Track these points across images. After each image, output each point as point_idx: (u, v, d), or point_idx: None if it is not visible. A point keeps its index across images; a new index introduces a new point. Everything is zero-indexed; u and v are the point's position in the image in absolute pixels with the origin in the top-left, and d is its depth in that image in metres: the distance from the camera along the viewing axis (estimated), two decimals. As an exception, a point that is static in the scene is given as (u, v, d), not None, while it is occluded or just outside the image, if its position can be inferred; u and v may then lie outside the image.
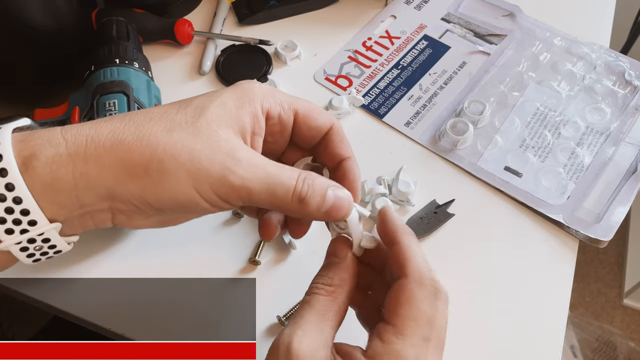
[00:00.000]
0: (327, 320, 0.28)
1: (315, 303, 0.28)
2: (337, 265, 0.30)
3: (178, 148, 0.27)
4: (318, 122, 0.33)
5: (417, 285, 0.27)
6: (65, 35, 0.49)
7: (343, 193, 0.30)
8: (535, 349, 0.41)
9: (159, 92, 0.50)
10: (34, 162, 0.26)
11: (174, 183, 0.27)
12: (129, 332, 0.41)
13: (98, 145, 0.27)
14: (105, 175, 0.26)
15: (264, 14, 0.60)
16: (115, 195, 0.27)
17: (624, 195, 0.46)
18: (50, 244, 0.28)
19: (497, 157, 0.50)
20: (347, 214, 0.30)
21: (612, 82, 0.54)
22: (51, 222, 0.27)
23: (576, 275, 0.45)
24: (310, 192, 0.29)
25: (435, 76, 0.56)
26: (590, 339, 1.22)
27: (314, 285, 0.30)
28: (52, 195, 0.26)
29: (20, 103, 0.51)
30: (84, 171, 0.26)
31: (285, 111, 0.31)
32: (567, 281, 0.44)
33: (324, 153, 0.34)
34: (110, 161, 0.26)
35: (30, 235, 0.27)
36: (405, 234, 0.30)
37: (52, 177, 0.26)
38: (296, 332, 0.26)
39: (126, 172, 0.26)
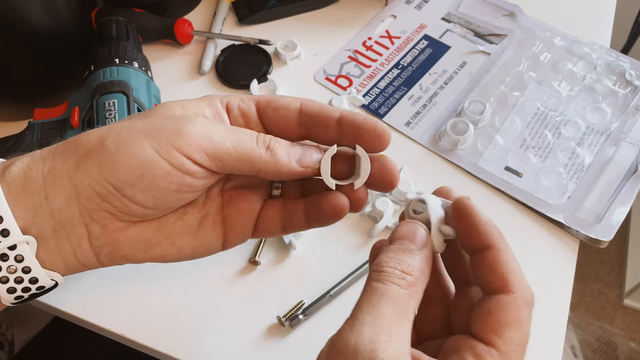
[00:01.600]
0: (407, 320, 0.23)
1: (396, 297, 0.23)
2: (417, 254, 0.25)
3: (133, 122, 0.27)
4: (282, 101, 0.30)
5: (524, 305, 0.24)
6: (64, 35, 0.49)
7: (308, 144, 0.29)
8: (536, 349, 0.41)
9: (159, 92, 0.50)
10: (11, 168, 0.26)
11: (131, 146, 0.25)
12: (129, 332, 0.41)
13: (65, 144, 0.27)
14: (66, 165, 0.26)
15: (264, 13, 0.60)
16: (78, 185, 0.25)
17: (624, 195, 0.46)
18: (24, 264, 0.26)
19: (498, 157, 0.49)
20: (316, 161, 0.28)
21: (613, 82, 0.54)
22: (24, 233, 0.25)
23: (577, 275, 0.45)
24: (274, 142, 0.28)
25: (436, 76, 0.56)
26: (590, 339, 1.22)
27: (388, 270, 0.24)
28: (24, 199, 0.25)
29: (20, 103, 0.51)
30: (51, 166, 0.26)
31: (245, 102, 0.30)
32: (568, 281, 0.44)
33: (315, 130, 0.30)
34: (71, 150, 0.26)
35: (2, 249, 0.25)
36: (501, 238, 0.25)
37: (24, 178, 0.26)
38: (380, 336, 0.21)
39: (84, 153, 0.26)
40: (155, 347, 0.40)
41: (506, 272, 0.24)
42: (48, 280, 0.27)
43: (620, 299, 1.30)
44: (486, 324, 0.24)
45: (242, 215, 0.31)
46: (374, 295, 0.23)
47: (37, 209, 0.26)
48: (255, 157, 0.27)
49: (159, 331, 0.41)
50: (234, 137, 0.27)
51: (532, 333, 0.41)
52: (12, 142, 0.44)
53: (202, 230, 0.30)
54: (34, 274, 0.26)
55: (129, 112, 0.45)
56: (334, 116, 0.29)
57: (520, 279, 0.25)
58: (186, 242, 0.30)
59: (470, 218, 0.26)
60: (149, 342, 0.41)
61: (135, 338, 0.41)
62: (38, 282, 0.27)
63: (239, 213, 0.31)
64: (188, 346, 0.41)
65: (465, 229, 0.26)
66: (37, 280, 0.26)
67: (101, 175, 0.25)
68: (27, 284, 0.26)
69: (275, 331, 0.41)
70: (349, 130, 0.29)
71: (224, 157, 0.26)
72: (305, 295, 0.42)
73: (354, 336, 0.22)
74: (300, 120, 0.30)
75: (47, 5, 0.46)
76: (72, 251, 0.27)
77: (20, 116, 0.51)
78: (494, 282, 0.24)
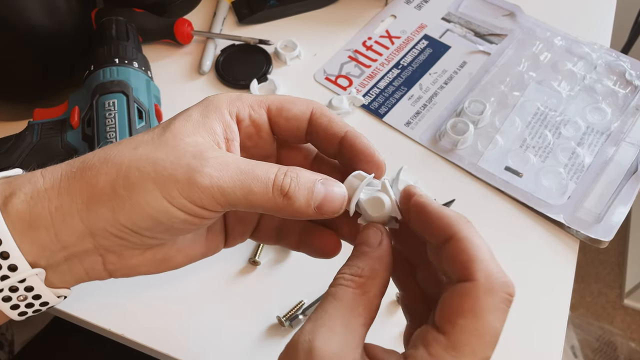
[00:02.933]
0: (357, 316, 0.24)
1: (342, 296, 0.24)
2: (368, 255, 0.26)
3: (142, 160, 0.25)
4: (294, 111, 0.29)
5: (485, 291, 0.22)
6: (64, 35, 0.49)
7: (334, 186, 0.27)
8: (536, 349, 0.41)
9: (159, 91, 0.50)
10: (13, 200, 0.25)
11: (143, 196, 0.25)
12: (129, 332, 0.41)
13: (70, 176, 0.26)
14: (76, 204, 0.25)
15: (263, 13, 0.60)
16: (92, 227, 0.25)
17: (624, 196, 0.46)
18: (34, 293, 0.26)
19: (498, 157, 0.49)
20: (341, 208, 0.27)
21: (613, 82, 0.54)
22: (33, 266, 0.25)
23: (577, 275, 0.45)
24: (294, 185, 0.25)
25: (436, 76, 0.56)
26: (590, 340, 1.22)
27: (339, 276, 0.25)
28: (32, 234, 0.25)
29: (20, 103, 0.51)
30: (58, 204, 0.25)
31: (256, 110, 0.29)
32: (568, 281, 0.44)
33: (320, 142, 0.30)
34: (79, 189, 0.25)
35: (11, 283, 0.25)
36: (464, 226, 0.25)
37: (30, 213, 0.25)
38: (320, 329, 0.23)
39: (95, 196, 0.25)
40: (155, 347, 0.40)
41: (468, 261, 0.23)
42: (57, 300, 0.28)
43: (620, 299, 1.30)
44: (442, 312, 0.23)
45: (240, 224, 0.32)
46: (325, 298, 0.25)
47: (47, 245, 0.25)
48: (269, 205, 0.26)
49: (159, 331, 0.41)
50: (246, 188, 0.25)
51: (532, 333, 0.42)
52: (12, 142, 0.44)
53: (210, 237, 0.31)
54: (45, 299, 0.27)
55: (129, 112, 0.45)
56: (339, 134, 0.29)
57: (487, 267, 0.23)
58: (197, 250, 0.30)
59: (424, 215, 0.26)
60: (149, 342, 0.41)
61: (135, 338, 0.41)
62: (48, 304, 0.27)
63: (238, 221, 0.32)
64: (188, 346, 0.41)
65: (422, 227, 0.26)
66: (48, 303, 0.27)
67: (116, 221, 0.25)
68: (38, 307, 0.27)
69: (275, 331, 0.41)
70: (347, 152, 0.29)
71: (236, 205, 0.26)
72: (305, 295, 0.42)
73: (299, 331, 0.23)
74: (308, 129, 0.30)
75: (47, 5, 0.46)
76: (84, 272, 0.27)
77: (20, 116, 0.51)
78: (457, 272, 0.24)
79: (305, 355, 0.22)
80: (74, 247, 0.26)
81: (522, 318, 0.42)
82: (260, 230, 0.33)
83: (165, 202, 0.25)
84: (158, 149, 0.26)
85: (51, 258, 0.26)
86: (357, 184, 0.27)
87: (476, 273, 0.23)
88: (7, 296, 0.25)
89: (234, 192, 0.25)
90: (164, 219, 0.25)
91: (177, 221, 0.25)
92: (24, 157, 0.43)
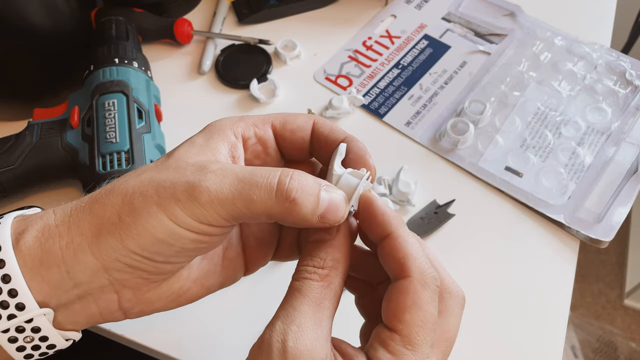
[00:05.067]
0: (324, 309, 0.25)
1: (307, 291, 0.25)
2: (329, 244, 0.26)
3: (145, 185, 0.25)
4: (297, 122, 0.29)
5: (422, 286, 0.24)
6: (64, 35, 0.49)
7: (337, 194, 0.26)
8: (536, 349, 0.41)
9: (158, 91, 0.50)
10: (25, 236, 0.25)
11: (148, 220, 0.24)
12: (129, 333, 0.41)
13: (79, 211, 0.25)
14: (86, 238, 0.24)
15: (263, 13, 0.60)
16: (104, 259, 0.24)
17: (624, 196, 0.46)
18: (41, 334, 0.25)
19: (498, 157, 0.49)
20: (342, 218, 0.26)
21: (613, 82, 0.54)
22: (42, 306, 0.24)
23: (577, 275, 0.45)
24: (300, 190, 0.24)
25: (436, 76, 0.56)
26: (591, 340, 1.22)
27: (302, 268, 0.26)
28: (42, 272, 0.24)
29: (20, 103, 0.51)
30: (69, 240, 0.24)
31: (260, 127, 0.29)
32: (568, 281, 0.44)
33: (321, 151, 0.30)
34: (88, 222, 0.25)
35: (18, 322, 0.24)
36: (400, 226, 0.26)
37: (41, 250, 0.24)
38: (290, 328, 0.24)
39: (103, 227, 0.24)
40: (155, 347, 0.40)
41: (403, 258, 0.25)
42: (66, 343, 0.27)
43: (620, 299, 1.30)
44: (388, 311, 0.25)
45: (259, 248, 0.31)
46: (290, 292, 0.25)
47: (58, 283, 0.25)
48: (273, 212, 0.25)
49: (159, 331, 0.41)
50: (246, 198, 0.24)
51: (533, 333, 0.42)
52: (12, 142, 0.44)
53: (226, 264, 0.30)
54: (52, 341, 0.26)
55: (129, 112, 0.45)
56: (338, 140, 0.29)
57: (420, 263, 0.25)
58: (213, 280, 0.30)
59: (370, 208, 0.27)
60: (149, 342, 0.41)
61: (135, 338, 0.41)
62: (55, 347, 0.26)
63: (257, 245, 0.31)
64: (188, 347, 0.40)
65: (365, 220, 0.27)
66: (55, 346, 0.26)
67: (126, 249, 0.24)
68: (44, 349, 0.26)
69: (275, 331, 0.41)
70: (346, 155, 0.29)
71: (240, 217, 0.25)
72: (305, 296, 0.42)
73: (269, 330, 0.24)
74: (312, 139, 0.30)
75: (47, 5, 0.46)
76: (98, 312, 0.26)
77: (20, 116, 0.51)
78: (394, 269, 0.25)
79: (279, 355, 0.23)
80: (88, 285, 0.25)
81: (522, 318, 0.42)
82: (281, 249, 0.32)
83: (170, 223, 0.24)
84: (160, 172, 0.26)
85: (62, 297, 0.25)
86: (354, 181, 0.27)
87: (410, 269, 0.25)
88: (14, 337, 0.25)
89: (235, 204, 0.24)
90: (172, 240, 0.24)
91: (185, 241, 0.25)
92: (23, 157, 0.43)
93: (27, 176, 0.44)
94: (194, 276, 0.28)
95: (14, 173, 0.43)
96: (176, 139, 0.36)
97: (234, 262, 0.30)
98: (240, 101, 0.54)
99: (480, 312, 0.42)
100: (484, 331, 0.41)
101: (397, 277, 0.25)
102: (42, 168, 0.44)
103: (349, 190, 0.27)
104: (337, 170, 0.27)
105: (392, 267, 0.26)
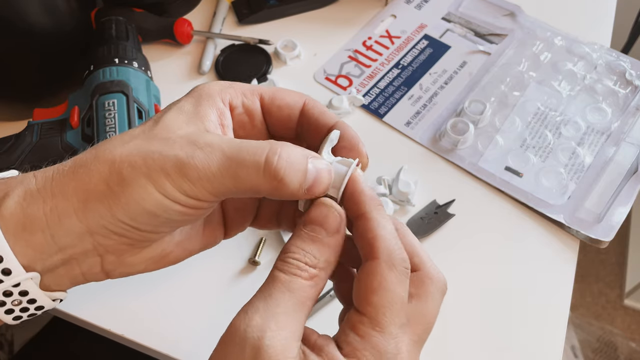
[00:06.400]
0: (305, 308, 0.24)
1: (295, 288, 0.24)
2: (325, 243, 0.26)
3: (133, 155, 0.25)
4: (287, 100, 0.29)
5: (388, 268, 0.24)
6: (64, 35, 0.49)
7: (322, 164, 0.26)
8: (536, 349, 0.41)
9: (158, 91, 0.50)
10: (7, 202, 0.24)
11: (137, 191, 0.24)
12: (129, 332, 0.41)
13: (62, 176, 0.25)
14: (72, 204, 0.25)
15: (263, 13, 0.60)
16: (91, 225, 0.25)
17: (624, 196, 0.46)
18: (29, 297, 0.25)
19: (498, 157, 0.49)
20: (326, 190, 0.26)
21: (613, 82, 0.54)
22: (28, 270, 0.25)
23: (577, 275, 0.45)
24: (288, 168, 0.24)
25: (436, 76, 0.56)
26: (591, 340, 1.22)
27: (293, 261, 0.25)
28: (26, 237, 0.24)
29: (19, 103, 0.51)
30: (53, 205, 0.25)
31: (249, 97, 0.29)
32: (568, 281, 0.44)
33: (309, 133, 0.29)
34: (73, 188, 0.25)
35: (5, 287, 0.24)
36: (377, 209, 0.25)
37: (24, 215, 0.24)
38: (269, 325, 0.23)
39: (91, 195, 0.25)
40: (155, 347, 0.40)
41: (372, 239, 0.25)
42: (53, 304, 0.27)
43: (620, 299, 1.30)
44: (357, 293, 0.25)
45: (238, 214, 0.31)
46: (274, 284, 0.24)
47: (42, 247, 0.25)
48: (261, 189, 0.25)
49: (159, 331, 0.41)
50: (234, 177, 0.24)
51: (533, 333, 0.42)
52: (12, 142, 0.44)
53: (208, 230, 0.30)
54: (40, 303, 0.26)
55: (129, 112, 0.45)
56: (329, 124, 0.29)
57: (388, 245, 0.25)
58: (195, 244, 0.30)
59: (350, 186, 0.26)
60: (149, 342, 0.41)
61: (135, 338, 0.41)
62: (44, 308, 0.27)
63: (236, 211, 0.31)
64: (188, 346, 0.41)
65: (345, 198, 0.27)
66: (43, 307, 0.27)
67: (115, 217, 0.25)
68: (33, 311, 0.26)
69: (275, 331, 0.41)
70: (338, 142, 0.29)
71: (228, 194, 0.25)
72: (305, 296, 0.42)
73: (245, 322, 0.23)
74: (300, 119, 0.30)
75: (47, 5, 0.46)
76: (81, 273, 0.27)
77: (20, 116, 0.51)
78: (364, 249, 0.25)
79: (252, 352, 0.22)
80: (72, 249, 0.25)
81: (522, 317, 0.42)
82: (260, 218, 0.32)
83: (159, 195, 0.24)
84: (148, 141, 0.25)
85: (47, 261, 0.25)
86: (343, 169, 0.27)
87: (378, 251, 0.24)
88: (1, 301, 0.25)
89: (223, 183, 0.24)
90: (160, 212, 0.25)
91: (173, 213, 0.25)
92: (23, 157, 0.43)
93: (27, 176, 0.44)
94: (176, 240, 0.29)
95: (14, 173, 0.43)
96: (176, 139, 0.36)
97: (215, 228, 0.31)
98: (240, 101, 0.54)
99: (480, 311, 0.42)
100: (484, 331, 0.41)
101: (366, 258, 0.25)
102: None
103: (338, 178, 0.27)
104: (326, 157, 0.27)
105: (363, 248, 0.25)
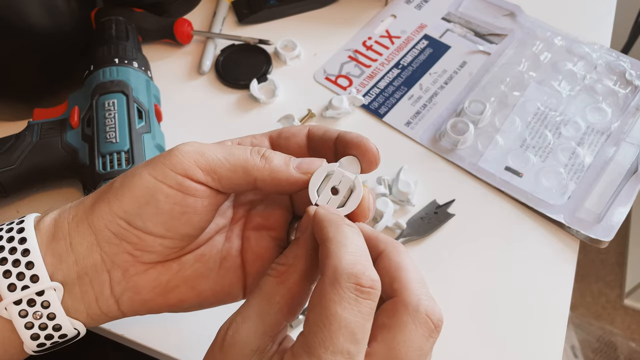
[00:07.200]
0: (272, 304, 0.24)
1: (262, 285, 0.25)
2: (295, 241, 0.27)
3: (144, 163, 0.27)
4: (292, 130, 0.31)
5: (330, 284, 0.22)
6: (64, 35, 0.49)
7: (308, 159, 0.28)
8: (536, 349, 0.41)
9: (158, 91, 0.50)
10: (45, 218, 0.27)
11: (132, 180, 0.26)
12: (129, 332, 0.41)
13: (92, 193, 0.28)
14: (85, 210, 0.27)
15: (263, 13, 0.60)
16: (94, 226, 0.26)
17: (624, 196, 0.46)
18: (49, 311, 0.26)
19: (498, 157, 0.49)
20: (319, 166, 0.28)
21: (613, 82, 0.54)
22: (51, 279, 0.26)
23: (577, 275, 0.45)
24: (269, 151, 0.27)
25: (436, 76, 0.56)
26: (591, 340, 1.22)
27: (272, 265, 0.26)
28: (53, 245, 0.26)
29: (20, 103, 0.51)
30: (75, 213, 0.27)
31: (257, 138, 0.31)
32: (568, 281, 0.44)
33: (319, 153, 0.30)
34: (91, 198, 0.28)
35: (30, 293, 0.25)
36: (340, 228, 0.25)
37: (54, 226, 0.27)
38: (235, 318, 0.25)
39: (98, 197, 0.27)
40: (155, 347, 0.40)
41: (324, 255, 0.24)
42: (71, 329, 0.27)
43: (620, 299, 1.30)
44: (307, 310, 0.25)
45: (259, 261, 0.30)
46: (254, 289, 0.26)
47: (62, 256, 0.26)
48: (250, 166, 0.27)
49: (159, 331, 0.41)
50: (227, 151, 0.27)
51: (533, 333, 0.42)
52: (12, 142, 0.44)
53: (222, 273, 0.30)
54: (58, 320, 0.26)
55: (129, 112, 0.45)
56: (333, 137, 0.30)
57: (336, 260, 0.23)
58: (206, 285, 0.30)
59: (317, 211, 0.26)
60: (149, 342, 0.41)
61: (135, 338, 0.41)
62: (61, 330, 0.27)
63: (256, 259, 0.30)
64: (188, 347, 0.40)
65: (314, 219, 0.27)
66: (61, 328, 0.27)
67: (111, 212, 0.26)
68: (51, 330, 0.26)
69: (275, 331, 0.41)
70: (341, 147, 0.29)
71: (218, 169, 0.26)
72: (305, 296, 0.42)
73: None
74: (308, 144, 0.31)
75: (47, 5, 0.46)
76: (94, 297, 0.27)
77: (20, 116, 0.51)
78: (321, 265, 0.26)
79: (219, 343, 0.24)
80: (84, 260, 0.27)
81: (522, 318, 0.42)
82: None
83: (149, 177, 0.26)
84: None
85: (65, 272, 0.26)
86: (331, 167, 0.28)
87: (325, 267, 0.23)
88: (24, 311, 0.25)
89: (216, 155, 0.26)
90: (148, 196, 0.26)
91: (161, 197, 0.26)
92: (23, 157, 0.43)
93: (27, 176, 0.44)
94: (185, 274, 0.29)
95: (14, 173, 0.43)
96: (176, 139, 0.36)
97: (230, 273, 0.30)
98: (240, 101, 0.54)
99: (480, 311, 0.42)
100: (483, 331, 0.41)
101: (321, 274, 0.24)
102: (42, 168, 0.44)
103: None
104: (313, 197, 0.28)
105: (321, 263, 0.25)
